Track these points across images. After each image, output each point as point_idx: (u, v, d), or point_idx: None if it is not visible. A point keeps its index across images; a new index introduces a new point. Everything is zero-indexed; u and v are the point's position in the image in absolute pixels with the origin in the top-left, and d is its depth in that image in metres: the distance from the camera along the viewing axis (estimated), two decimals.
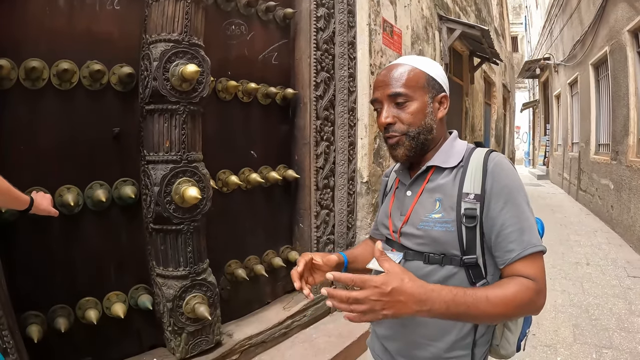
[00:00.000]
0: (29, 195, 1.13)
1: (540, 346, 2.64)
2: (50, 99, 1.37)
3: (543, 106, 14.12)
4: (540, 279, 0.77)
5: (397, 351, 0.91)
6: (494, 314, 0.74)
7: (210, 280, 1.60)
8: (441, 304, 0.69)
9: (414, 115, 0.84)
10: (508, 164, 0.84)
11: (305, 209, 2.18)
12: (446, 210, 0.82)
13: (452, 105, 4.94)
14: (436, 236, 0.82)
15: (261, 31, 2.07)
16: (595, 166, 6.88)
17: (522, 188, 0.82)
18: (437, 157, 0.88)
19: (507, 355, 0.93)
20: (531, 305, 0.76)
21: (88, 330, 1.46)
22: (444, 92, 0.88)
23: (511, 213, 0.78)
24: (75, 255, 1.46)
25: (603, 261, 4.45)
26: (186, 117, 1.45)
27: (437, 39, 3.89)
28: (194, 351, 1.60)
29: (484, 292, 0.73)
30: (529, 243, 0.77)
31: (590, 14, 6.59)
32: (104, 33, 1.46)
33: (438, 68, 0.89)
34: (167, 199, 1.42)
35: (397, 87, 0.84)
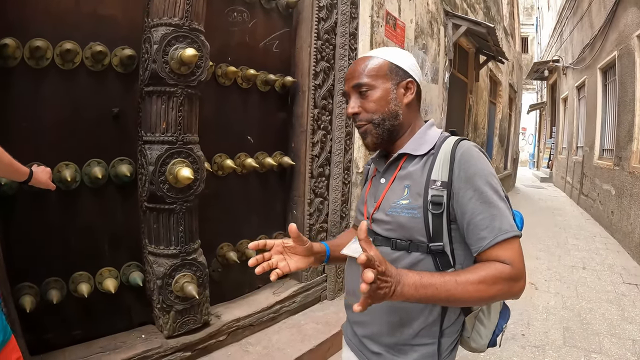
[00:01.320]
0: (29, 168, 1.22)
1: (529, 347, 2.70)
2: (53, 78, 1.46)
3: (550, 109, 14.15)
4: (516, 262, 0.77)
5: (366, 336, 0.94)
6: (465, 297, 0.75)
7: (201, 260, 1.68)
8: (410, 287, 0.71)
9: (376, 102, 0.89)
10: (477, 151, 0.85)
11: (300, 196, 2.26)
12: (413, 196, 0.85)
13: (455, 102, 5.00)
14: (403, 222, 0.85)
15: (263, 19, 2.13)
16: (598, 171, 6.93)
17: (492, 175, 0.83)
18: (409, 144, 0.91)
19: (477, 348, 0.95)
20: (507, 289, 0.77)
21: (80, 304, 1.57)
22: (409, 78, 0.91)
23: (481, 200, 0.80)
24: (71, 230, 1.56)
25: (599, 266, 4.53)
26: (183, 99, 1.52)
27: (442, 34, 3.92)
28: (182, 329, 1.69)
29: (452, 276, 0.76)
30: (501, 229, 0.78)
31: (601, 18, 6.61)
32: (108, 16, 1.56)
33: (405, 57, 0.93)
34: (161, 179, 1.50)
35: (360, 78, 0.90)
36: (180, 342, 1.67)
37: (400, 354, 0.89)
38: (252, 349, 1.90)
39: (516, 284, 0.77)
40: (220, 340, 1.84)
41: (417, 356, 0.88)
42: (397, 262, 0.85)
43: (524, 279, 0.78)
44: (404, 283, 0.70)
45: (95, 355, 1.51)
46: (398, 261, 0.86)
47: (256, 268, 0.88)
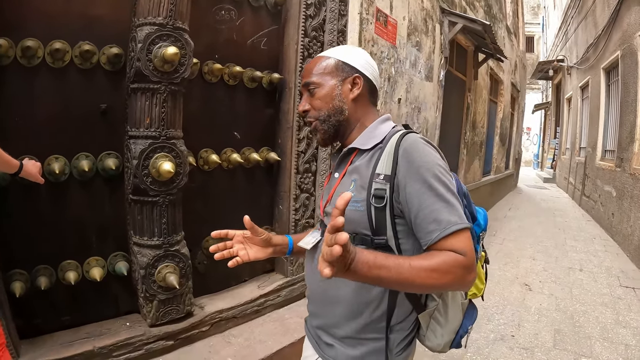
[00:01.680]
0: (20, 161, 1.31)
1: (518, 348, 2.73)
2: (44, 76, 1.55)
3: (554, 109, 14.15)
4: (469, 253, 0.77)
5: (319, 327, 0.99)
6: (417, 282, 0.75)
7: (183, 252, 1.76)
8: (363, 265, 0.70)
9: (322, 99, 0.94)
10: (423, 145, 0.86)
11: (285, 191, 2.33)
12: (358, 190, 0.88)
13: (452, 100, 5.04)
14: (347, 215, 0.80)
15: (251, 16, 2.20)
16: (599, 172, 6.96)
17: (438, 166, 0.83)
18: (359, 139, 0.95)
19: (434, 347, 0.96)
20: (459, 279, 0.77)
21: (68, 291, 1.67)
22: (356, 74, 0.94)
23: (427, 194, 0.80)
24: (61, 221, 1.65)
25: (597, 268, 4.55)
26: (167, 96, 1.61)
27: (437, 32, 3.97)
28: (165, 319, 1.77)
29: (407, 260, 0.75)
30: (449, 222, 0.78)
31: (605, 17, 6.64)
32: (97, 16, 1.64)
33: (356, 54, 0.96)
34: (144, 172, 1.58)
35: (307, 77, 0.96)
36: (162, 331, 1.76)
37: (349, 346, 0.92)
38: (235, 340, 1.98)
39: (469, 275, 0.77)
40: (203, 330, 1.92)
41: (365, 350, 0.90)
42: None
43: (474, 272, 0.78)
44: (358, 260, 0.69)
45: (81, 341, 1.60)
46: None
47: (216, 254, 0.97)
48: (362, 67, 0.95)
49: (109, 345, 1.60)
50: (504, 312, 3.29)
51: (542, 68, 11.51)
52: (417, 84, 3.60)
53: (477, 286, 1.02)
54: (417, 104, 3.65)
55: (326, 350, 0.96)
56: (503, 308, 3.36)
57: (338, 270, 0.66)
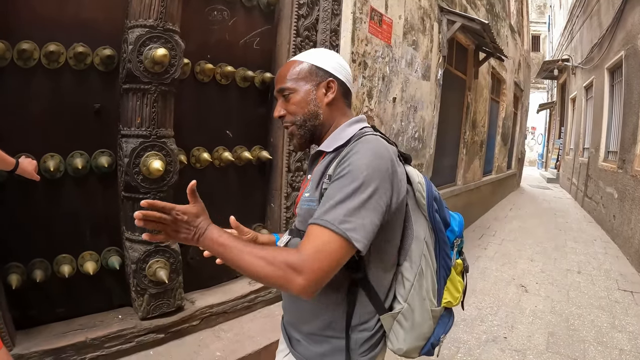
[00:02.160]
0: (16, 159, 1.40)
1: (510, 350, 2.75)
2: (40, 77, 1.64)
3: (559, 108, 14.16)
4: (304, 254, 0.75)
5: (288, 322, 1.05)
6: (242, 266, 0.78)
7: (174, 248, 1.84)
8: (208, 240, 0.82)
9: (297, 105, 0.96)
10: (369, 147, 0.85)
11: (277, 189, 2.40)
12: (312, 189, 0.93)
13: (452, 99, 5.09)
14: (304, 214, 0.94)
15: (244, 17, 2.27)
16: (602, 173, 7.00)
17: (368, 172, 0.81)
18: (326, 142, 0.98)
19: (397, 350, 0.96)
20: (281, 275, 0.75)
21: (63, 284, 1.76)
22: (329, 78, 0.96)
23: (337, 188, 0.80)
24: (56, 216, 1.74)
25: (595, 271, 4.57)
26: (157, 96, 1.69)
27: (435, 31, 4.02)
28: (155, 312, 1.86)
29: (245, 246, 0.80)
30: (324, 214, 0.78)
31: (609, 17, 6.67)
32: (91, 18, 1.72)
33: (329, 57, 0.98)
34: (135, 170, 1.66)
35: (282, 82, 0.98)
36: (153, 324, 1.84)
37: (315, 343, 0.95)
38: (224, 335, 2.05)
39: (294, 276, 0.74)
40: (193, 325, 2.00)
41: (328, 348, 0.93)
42: None
43: (304, 275, 0.74)
44: (205, 236, 0.82)
45: (74, 332, 1.69)
46: None
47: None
48: (335, 71, 0.97)
49: (101, 336, 1.68)
50: (497, 313, 3.33)
51: (547, 67, 11.53)
52: (413, 83, 3.65)
53: (452, 294, 1.00)
54: (413, 103, 3.70)
55: (295, 346, 1.00)
56: (497, 309, 3.41)
57: (186, 239, 0.82)
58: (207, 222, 0.84)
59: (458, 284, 1.02)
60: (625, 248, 5.25)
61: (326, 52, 1.00)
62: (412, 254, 0.94)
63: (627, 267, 4.71)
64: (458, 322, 3.13)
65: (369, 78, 2.93)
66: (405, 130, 3.63)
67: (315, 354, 0.95)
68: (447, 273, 0.99)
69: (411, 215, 0.95)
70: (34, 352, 1.53)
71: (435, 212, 0.96)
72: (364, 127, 0.98)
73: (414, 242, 0.95)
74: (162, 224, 0.80)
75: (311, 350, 0.96)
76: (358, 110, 2.84)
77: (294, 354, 1.00)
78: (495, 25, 6.46)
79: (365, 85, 2.90)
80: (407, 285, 0.94)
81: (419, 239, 0.95)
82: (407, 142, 3.72)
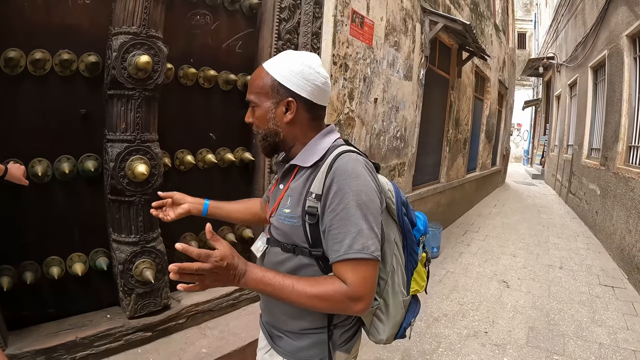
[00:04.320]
0: (5, 165, 1.48)
1: (490, 344, 2.87)
2: (27, 84, 1.72)
3: (545, 106, 14.54)
4: (356, 285, 0.87)
5: (268, 322, 1.11)
6: (298, 303, 0.89)
7: (160, 248, 1.94)
8: (251, 281, 0.87)
9: (258, 119, 1.00)
10: (353, 166, 0.93)
11: (259, 189, 2.52)
12: (293, 206, 0.97)
13: (435, 99, 5.27)
14: (286, 230, 0.99)
15: (226, 21, 2.37)
16: (585, 170, 7.26)
17: (359, 193, 0.90)
18: (299, 156, 1.01)
19: (379, 341, 1.09)
20: (341, 307, 0.89)
21: (54, 285, 1.85)
22: (289, 98, 0.97)
23: (340, 216, 0.89)
24: (45, 219, 1.83)
25: (577, 266, 4.75)
26: (141, 101, 1.78)
27: (417, 31, 4.16)
28: (143, 311, 1.96)
29: (292, 282, 0.88)
30: (350, 248, 0.87)
31: (593, 16, 6.93)
32: (76, 25, 1.80)
33: (294, 71, 0.96)
34: (121, 174, 1.76)
35: (249, 92, 1.01)
36: (141, 323, 1.94)
37: (297, 338, 1.04)
38: (210, 332, 2.16)
39: (353, 304, 0.88)
40: (180, 322, 2.10)
41: (310, 341, 1.02)
42: (286, 263, 1.00)
43: (364, 300, 0.89)
44: (247, 277, 0.87)
45: (65, 332, 1.78)
46: (286, 262, 1.00)
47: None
48: (297, 87, 0.96)
49: (90, 336, 1.78)
50: (479, 308, 3.49)
51: (532, 65, 11.86)
52: (395, 84, 3.79)
53: (419, 283, 1.15)
54: (394, 103, 3.84)
55: (276, 341, 1.08)
56: (479, 304, 3.57)
57: (227, 283, 0.85)
58: (243, 261, 0.88)
59: (423, 273, 1.17)
60: (607, 243, 5.47)
61: (295, 62, 0.98)
62: (385, 254, 1.04)
63: (608, 263, 4.92)
64: (439, 317, 3.28)
65: (350, 80, 3.06)
66: (387, 130, 3.77)
67: (298, 348, 1.03)
68: (414, 266, 1.13)
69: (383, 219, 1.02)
70: (26, 352, 1.61)
71: (404, 215, 1.08)
72: (336, 139, 1.03)
73: (386, 244, 1.04)
74: (200, 275, 0.81)
75: (293, 344, 1.04)
76: (339, 111, 2.96)
77: (276, 348, 1.07)
78: (479, 25, 6.65)
79: (347, 86, 3.02)
80: (381, 283, 1.05)
81: (389, 241, 1.05)
82: (389, 141, 3.86)
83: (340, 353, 1.04)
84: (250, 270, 0.88)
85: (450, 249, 5.19)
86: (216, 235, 0.85)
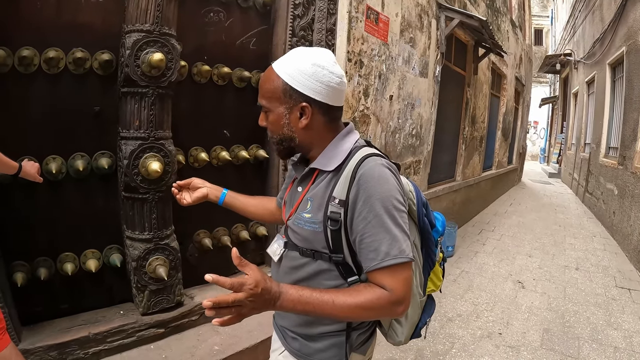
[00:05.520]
0: (19, 163, 1.46)
1: (504, 346, 2.78)
2: (40, 82, 1.69)
3: (562, 103, 14.14)
4: (398, 289, 0.85)
5: (283, 326, 1.08)
6: (341, 317, 0.87)
7: (173, 245, 1.91)
8: (288, 303, 0.82)
9: (272, 124, 0.94)
10: (379, 171, 0.88)
11: (274, 187, 2.48)
12: (314, 211, 0.93)
13: (451, 96, 5.13)
14: (306, 235, 0.94)
15: (240, 17, 2.32)
16: (602, 169, 7.02)
17: (389, 199, 0.86)
18: (319, 159, 0.96)
19: (397, 343, 1.08)
20: (385, 313, 0.87)
21: (67, 281, 1.83)
22: (303, 103, 0.90)
23: (373, 223, 0.85)
24: (59, 216, 1.81)
25: (594, 268, 4.59)
26: (155, 99, 1.74)
27: (433, 28, 4.04)
28: (156, 308, 1.93)
29: (332, 297, 0.84)
30: (387, 255, 0.84)
31: (611, 12, 6.69)
32: (89, 23, 1.77)
33: (305, 75, 0.89)
34: (134, 172, 1.72)
35: (260, 96, 0.94)
36: (154, 319, 1.92)
37: (312, 340, 1.01)
38: (222, 329, 2.12)
39: (396, 308, 0.86)
40: (192, 319, 2.07)
41: (327, 343, 0.99)
42: (304, 268, 0.97)
43: (405, 304, 0.87)
44: (283, 299, 0.82)
45: (77, 327, 1.77)
46: (305, 267, 0.97)
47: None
48: (311, 91, 0.89)
49: (103, 331, 1.76)
50: (493, 309, 3.38)
51: (549, 62, 11.52)
52: (410, 81, 3.69)
53: (435, 283, 1.14)
54: (410, 100, 3.74)
55: (291, 343, 1.05)
56: (493, 305, 3.46)
57: (263, 308, 0.80)
58: (275, 283, 0.83)
59: (439, 273, 1.15)
60: (624, 245, 5.28)
61: (306, 62, 0.90)
62: None
63: (625, 264, 4.73)
64: (453, 317, 3.19)
65: (365, 77, 2.97)
66: (402, 128, 3.67)
67: (314, 350, 1.00)
68: (431, 267, 1.10)
69: None
70: (39, 347, 1.61)
71: (424, 216, 1.05)
72: (357, 140, 0.98)
73: None
74: (237, 307, 0.76)
75: (309, 346, 1.00)
76: (354, 108, 2.89)
77: (291, 350, 1.04)
78: (495, 21, 6.45)
79: (362, 83, 2.94)
80: None
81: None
82: (405, 139, 3.76)
83: (356, 355, 1.02)
84: (286, 292, 0.83)
85: (465, 248, 5.06)
86: (244, 260, 0.80)
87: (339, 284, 0.94)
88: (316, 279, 0.95)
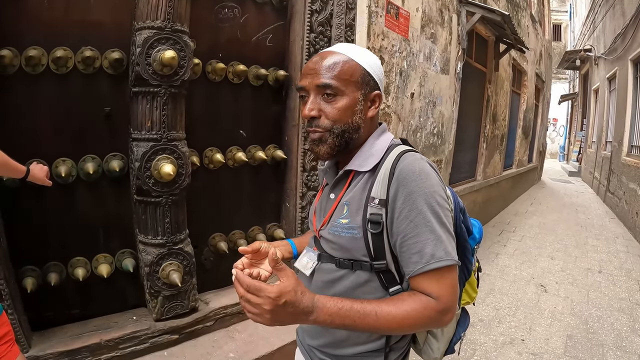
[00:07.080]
0: (27, 166, 1.36)
1: (526, 353, 2.65)
2: (49, 82, 1.60)
3: (581, 100, 13.61)
4: (444, 296, 0.75)
5: (313, 346, 0.95)
6: (385, 329, 0.76)
7: (187, 250, 1.80)
8: (325, 316, 0.71)
9: (341, 111, 0.80)
10: (419, 166, 0.79)
11: (292, 189, 2.34)
12: (352, 215, 0.82)
13: (472, 93, 4.91)
14: (344, 243, 0.82)
15: (256, 13, 2.18)
16: (625, 168, 6.68)
17: (434, 194, 0.77)
18: (355, 159, 0.85)
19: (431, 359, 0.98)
20: (432, 323, 0.77)
21: (79, 286, 1.74)
22: (378, 90, 0.85)
23: (415, 222, 0.75)
24: (70, 219, 1.72)
25: (617, 270, 4.36)
26: (167, 99, 1.62)
27: (454, 23, 3.83)
28: (170, 314, 1.83)
29: (374, 308, 0.74)
30: (432, 257, 0.74)
31: (633, 6, 6.33)
32: (98, 21, 1.66)
33: (376, 63, 0.85)
34: (146, 174, 1.61)
35: (328, 77, 0.79)
36: (167, 325, 1.81)
37: None
38: (238, 336, 2.01)
39: (443, 317, 0.76)
40: (207, 325, 1.97)
41: None
42: (342, 281, 0.84)
43: (453, 311, 0.77)
44: (318, 313, 0.71)
45: (89, 333, 1.68)
46: (342, 279, 0.84)
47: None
48: (380, 82, 0.85)
49: (115, 338, 1.67)
50: (516, 314, 3.20)
51: (568, 58, 11.04)
52: (431, 78, 3.50)
53: (470, 295, 1.03)
54: (431, 97, 3.55)
55: None
56: (516, 310, 3.28)
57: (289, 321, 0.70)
58: (309, 296, 0.71)
59: (474, 284, 1.05)
60: None
61: (370, 53, 0.85)
62: None
63: None
64: (475, 322, 3.01)
65: (386, 74, 2.81)
66: (423, 126, 3.49)
67: None
68: (467, 277, 1.00)
69: None
70: (50, 353, 1.52)
71: (462, 222, 0.93)
72: (392, 139, 0.89)
73: None
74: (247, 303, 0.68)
75: None
76: None
77: None
78: (515, 16, 6.16)
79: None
80: None
81: None
82: (426, 138, 3.58)
83: None
84: (322, 305, 0.72)
85: (486, 249, 4.83)
86: (281, 263, 0.70)
87: (379, 297, 0.82)
88: (354, 293, 0.83)
